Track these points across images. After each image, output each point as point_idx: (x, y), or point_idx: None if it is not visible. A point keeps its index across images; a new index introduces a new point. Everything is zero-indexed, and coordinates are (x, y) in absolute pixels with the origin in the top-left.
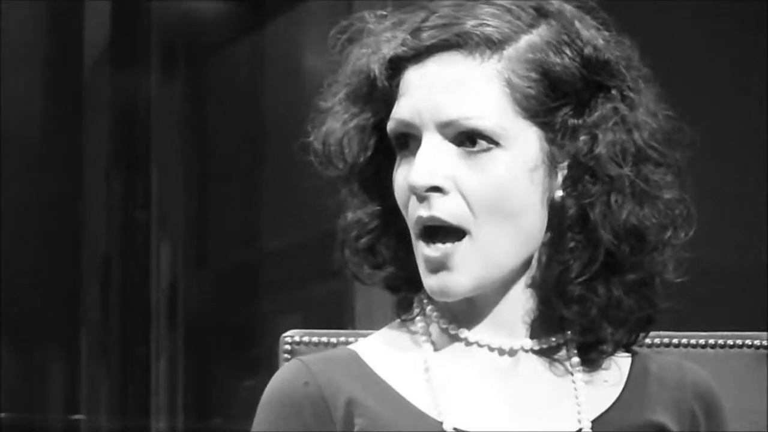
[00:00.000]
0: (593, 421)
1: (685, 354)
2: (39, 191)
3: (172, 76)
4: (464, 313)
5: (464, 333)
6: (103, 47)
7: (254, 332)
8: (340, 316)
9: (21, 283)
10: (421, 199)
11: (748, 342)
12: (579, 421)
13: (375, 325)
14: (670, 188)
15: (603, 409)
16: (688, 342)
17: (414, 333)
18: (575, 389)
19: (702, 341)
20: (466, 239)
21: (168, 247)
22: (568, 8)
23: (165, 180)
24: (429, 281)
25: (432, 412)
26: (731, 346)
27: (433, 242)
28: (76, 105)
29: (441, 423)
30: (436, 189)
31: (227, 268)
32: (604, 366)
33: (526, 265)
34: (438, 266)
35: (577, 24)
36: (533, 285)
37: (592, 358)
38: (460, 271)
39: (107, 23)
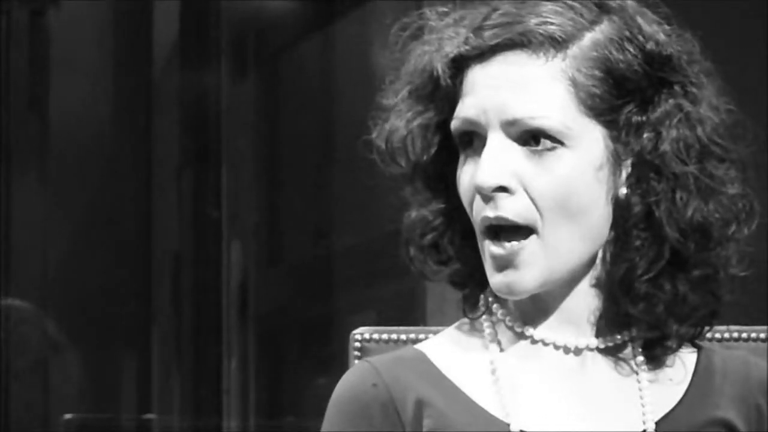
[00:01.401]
0: (658, 422)
1: (755, 349)
2: (109, 190)
3: (242, 74)
4: (530, 311)
5: (530, 331)
6: (172, 46)
7: (326, 330)
8: (412, 313)
9: (92, 282)
10: (487, 199)
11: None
12: (643, 422)
13: (446, 322)
14: (733, 183)
15: (668, 409)
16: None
17: (480, 332)
18: (640, 389)
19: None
20: (533, 237)
21: (239, 245)
22: (629, 3)
23: (236, 178)
24: (495, 279)
25: (499, 413)
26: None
27: (499, 240)
28: (146, 104)
29: (508, 425)
30: (503, 189)
31: (298, 265)
32: (668, 363)
33: (591, 263)
34: (504, 264)
35: (638, 19)
36: (598, 283)
37: (656, 355)
38: (527, 269)
39: (176, 22)
